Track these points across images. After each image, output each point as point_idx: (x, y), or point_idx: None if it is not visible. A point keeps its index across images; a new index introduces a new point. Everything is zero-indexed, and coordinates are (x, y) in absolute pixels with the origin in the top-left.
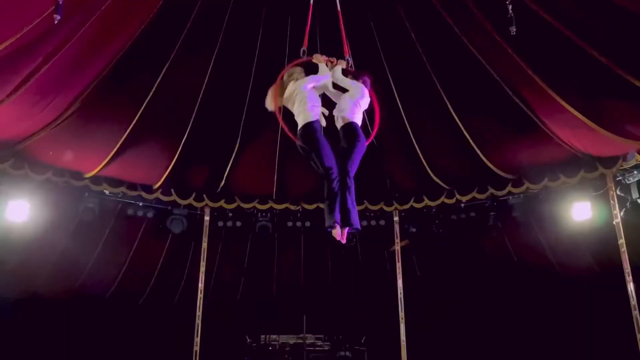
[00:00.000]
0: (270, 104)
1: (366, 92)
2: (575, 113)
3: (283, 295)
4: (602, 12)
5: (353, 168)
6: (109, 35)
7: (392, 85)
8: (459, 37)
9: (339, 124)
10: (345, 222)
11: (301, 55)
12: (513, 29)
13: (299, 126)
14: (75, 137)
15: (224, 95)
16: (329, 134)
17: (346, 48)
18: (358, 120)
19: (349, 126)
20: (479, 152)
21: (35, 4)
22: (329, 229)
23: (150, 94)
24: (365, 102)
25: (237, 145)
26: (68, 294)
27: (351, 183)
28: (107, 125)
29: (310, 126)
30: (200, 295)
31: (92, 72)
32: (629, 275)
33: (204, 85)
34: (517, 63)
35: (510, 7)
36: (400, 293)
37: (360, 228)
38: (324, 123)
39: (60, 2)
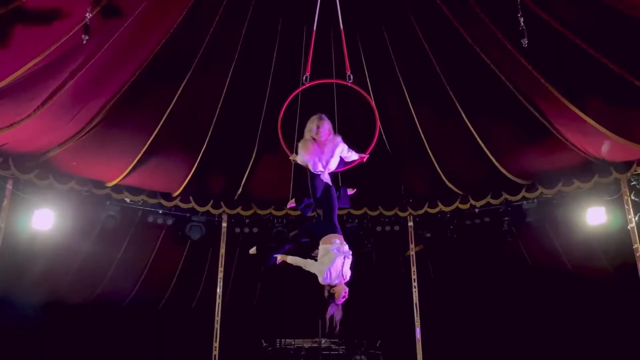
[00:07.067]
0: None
1: None
2: (588, 119)
3: (298, 300)
4: (614, 22)
5: None
6: (130, 51)
7: (406, 93)
8: (471, 47)
9: None
10: None
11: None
12: (525, 41)
13: None
14: (97, 148)
15: (242, 105)
16: None
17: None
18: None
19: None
20: (492, 158)
21: (63, 23)
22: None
23: (171, 106)
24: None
25: (254, 153)
26: (90, 299)
27: None
28: (128, 137)
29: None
30: (218, 301)
31: (115, 85)
32: None
33: (222, 96)
34: (530, 71)
35: (522, 19)
36: (416, 297)
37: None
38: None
39: (88, 24)
